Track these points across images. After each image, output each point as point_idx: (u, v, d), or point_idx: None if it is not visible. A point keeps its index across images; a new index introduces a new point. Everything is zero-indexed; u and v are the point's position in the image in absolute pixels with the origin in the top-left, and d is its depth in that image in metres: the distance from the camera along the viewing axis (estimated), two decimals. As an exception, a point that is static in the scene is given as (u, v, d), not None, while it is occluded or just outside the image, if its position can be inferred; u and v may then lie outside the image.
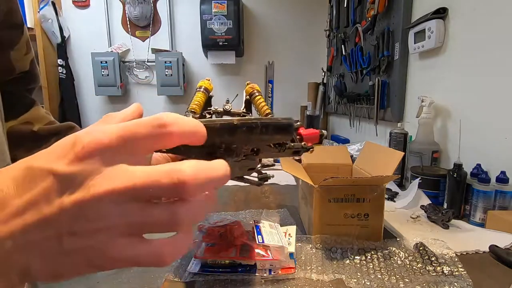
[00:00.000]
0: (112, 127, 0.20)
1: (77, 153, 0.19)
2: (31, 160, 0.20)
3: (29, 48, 0.52)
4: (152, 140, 0.20)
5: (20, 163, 0.20)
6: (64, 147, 0.20)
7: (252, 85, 0.40)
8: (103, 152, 0.19)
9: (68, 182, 0.19)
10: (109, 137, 0.20)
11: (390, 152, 0.71)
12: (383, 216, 0.61)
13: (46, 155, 0.20)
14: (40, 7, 2.10)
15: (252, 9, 2.40)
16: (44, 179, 0.19)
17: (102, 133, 0.20)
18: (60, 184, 0.19)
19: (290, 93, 2.47)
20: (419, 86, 1.17)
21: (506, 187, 0.70)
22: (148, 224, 0.20)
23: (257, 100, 0.39)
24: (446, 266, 0.52)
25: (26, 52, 0.51)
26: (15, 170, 0.20)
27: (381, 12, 1.31)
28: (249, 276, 0.50)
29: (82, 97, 2.47)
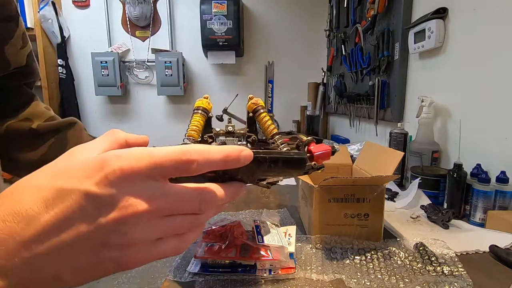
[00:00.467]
0: (142, 155, 0.21)
1: (108, 175, 0.20)
2: (58, 180, 0.20)
3: (26, 42, 0.49)
4: (176, 172, 0.23)
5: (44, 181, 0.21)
6: (91, 168, 0.20)
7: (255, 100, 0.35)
8: (131, 177, 0.21)
9: (102, 202, 0.20)
10: (138, 165, 0.21)
11: (390, 152, 0.71)
12: (383, 216, 0.61)
13: (72, 175, 0.20)
14: (40, 7, 2.11)
15: (252, 9, 2.40)
16: (77, 198, 0.20)
17: (133, 160, 0.21)
18: (94, 204, 0.20)
19: (290, 93, 2.47)
20: (419, 86, 1.17)
21: (506, 187, 0.70)
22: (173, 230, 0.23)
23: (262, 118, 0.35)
24: (446, 266, 0.52)
25: (22, 46, 0.48)
26: (43, 191, 0.20)
27: (381, 12, 1.31)
28: (249, 276, 0.50)
29: (82, 97, 2.47)
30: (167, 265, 0.53)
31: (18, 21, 0.46)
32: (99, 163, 0.20)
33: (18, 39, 0.47)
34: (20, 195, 0.20)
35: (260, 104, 0.35)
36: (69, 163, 0.22)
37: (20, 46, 0.47)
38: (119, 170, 0.20)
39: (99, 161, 0.21)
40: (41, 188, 0.20)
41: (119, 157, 0.21)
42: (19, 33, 0.47)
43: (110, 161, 0.20)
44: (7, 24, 0.45)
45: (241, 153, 0.25)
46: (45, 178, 0.21)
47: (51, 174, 0.21)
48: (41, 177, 0.21)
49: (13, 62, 0.46)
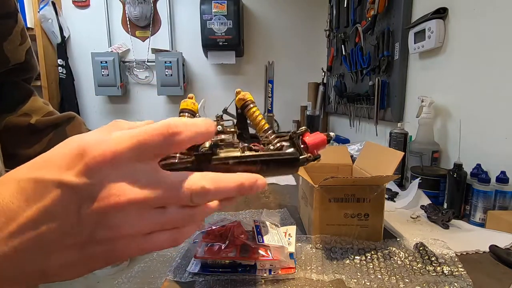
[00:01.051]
0: (123, 136, 0.20)
1: (88, 163, 0.19)
2: (37, 171, 0.19)
3: (25, 38, 0.48)
4: (163, 148, 0.21)
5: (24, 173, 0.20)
6: (71, 157, 0.19)
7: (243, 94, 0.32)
8: (114, 162, 0.19)
9: (83, 192, 0.19)
10: (121, 147, 0.19)
11: (390, 152, 0.71)
12: (383, 216, 0.61)
13: (52, 165, 0.19)
14: (40, 7, 2.11)
15: (252, 9, 2.40)
16: (56, 191, 0.19)
17: (114, 142, 0.19)
18: (75, 195, 0.19)
19: (290, 93, 2.47)
20: (419, 86, 1.17)
21: (506, 187, 0.70)
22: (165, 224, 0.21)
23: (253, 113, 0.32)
24: (446, 266, 0.52)
25: (21, 42, 0.48)
26: (22, 182, 0.19)
27: (381, 12, 1.31)
28: (249, 276, 0.50)
29: (82, 97, 2.47)
30: (167, 265, 0.53)
31: (17, 18, 0.46)
32: (79, 151, 0.19)
33: (17, 36, 0.47)
34: (1, 188, 0.19)
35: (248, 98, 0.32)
36: (54, 153, 0.20)
37: (19, 42, 0.47)
38: (100, 156, 0.19)
39: (80, 148, 0.19)
40: (21, 180, 0.19)
41: (100, 142, 0.19)
42: (18, 30, 0.46)
43: (91, 147, 0.19)
44: (6, 21, 0.44)
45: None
46: (27, 170, 0.20)
47: (34, 165, 0.20)
48: (23, 168, 0.20)
49: (12, 59, 0.46)
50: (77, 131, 0.54)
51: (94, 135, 0.21)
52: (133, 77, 2.42)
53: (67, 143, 0.20)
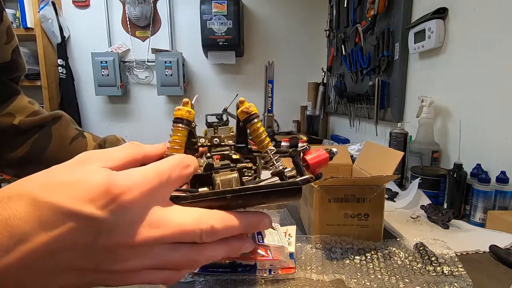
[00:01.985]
0: (150, 173, 0.21)
1: (113, 200, 0.19)
2: (56, 195, 0.18)
3: (11, 37, 0.47)
4: (180, 181, 0.22)
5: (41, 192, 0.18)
6: (97, 190, 0.19)
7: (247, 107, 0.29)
8: (139, 200, 0.20)
9: (102, 227, 0.19)
10: (148, 186, 0.20)
11: (390, 152, 0.71)
12: (383, 216, 0.61)
13: (73, 193, 0.18)
14: (40, 7, 2.10)
15: (252, 9, 2.40)
16: (75, 221, 0.18)
17: (141, 180, 0.20)
18: (93, 228, 0.19)
19: (290, 93, 2.47)
20: (419, 86, 1.17)
21: (506, 187, 0.70)
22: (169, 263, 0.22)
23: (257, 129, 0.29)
24: (446, 266, 0.52)
25: (7, 41, 0.46)
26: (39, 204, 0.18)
27: (381, 12, 1.31)
28: (249, 276, 0.50)
29: (82, 97, 2.47)
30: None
31: (2, 16, 0.45)
32: (106, 184, 0.19)
33: (3, 34, 0.46)
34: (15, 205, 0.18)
35: (253, 112, 0.29)
36: (74, 175, 0.20)
37: (4, 41, 0.46)
38: (127, 194, 0.19)
39: (106, 182, 0.19)
40: (38, 201, 0.18)
41: (127, 179, 0.19)
42: (3, 28, 0.45)
43: (117, 183, 0.19)
44: None
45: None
46: (44, 189, 0.19)
47: (52, 185, 0.19)
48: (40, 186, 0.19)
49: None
50: (63, 130, 0.52)
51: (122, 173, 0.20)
52: (133, 77, 2.42)
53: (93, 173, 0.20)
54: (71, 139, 0.52)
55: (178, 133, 0.28)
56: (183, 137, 0.28)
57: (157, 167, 0.21)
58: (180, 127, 0.28)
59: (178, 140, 0.28)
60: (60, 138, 0.51)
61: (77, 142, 0.52)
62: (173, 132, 0.29)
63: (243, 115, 0.28)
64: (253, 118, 0.28)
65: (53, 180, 0.19)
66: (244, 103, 0.29)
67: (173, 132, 0.28)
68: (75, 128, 0.54)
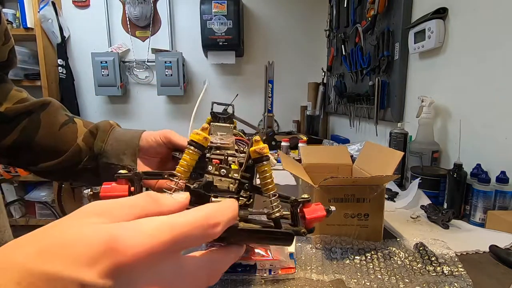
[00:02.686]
0: (162, 228, 0.18)
1: (117, 264, 0.16)
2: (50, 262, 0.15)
3: (8, 38, 0.48)
4: (198, 241, 0.20)
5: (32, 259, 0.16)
6: (97, 250, 0.16)
7: (260, 148, 0.28)
8: (147, 261, 0.17)
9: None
10: (158, 242, 0.17)
11: (390, 152, 0.71)
12: (383, 216, 0.61)
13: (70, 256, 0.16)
14: (40, 7, 2.10)
15: (252, 9, 2.40)
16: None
17: (151, 236, 0.17)
18: None
19: (290, 93, 2.47)
20: (419, 86, 1.17)
21: (506, 187, 0.70)
22: None
23: (265, 172, 0.29)
24: (446, 266, 0.52)
25: (4, 42, 0.47)
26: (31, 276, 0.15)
27: (381, 12, 1.31)
28: (249, 276, 0.50)
29: (82, 97, 2.47)
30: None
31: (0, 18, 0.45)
32: (107, 242, 0.16)
33: (1, 36, 0.46)
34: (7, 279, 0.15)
35: (265, 153, 0.29)
36: (72, 235, 0.17)
37: (2, 42, 0.47)
38: (133, 255, 0.16)
39: (108, 240, 0.16)
40: (29, 270, 0.15)
41: (133, 236, 0.17)
42: (2, 30, 0.46)
43: (121, 241, 0.16)
44: None
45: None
46: (36, 254, 0.16)
47: (45, 250, 0.16)
48: (30, 248, 0.16)
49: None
50: (52, 116, 0.51)
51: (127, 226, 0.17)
52: (133, 77, 2.42)
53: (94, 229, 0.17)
54: (60, 125, 0.50)
55: (189, 156, 0.28)
56: (193, 161, 0.28)
57: (174, 226, 0.18)
58: (192, 150, 0.28)
59: (185, 164, 0.28)
60: (49, 125, 0.50)
61: (66, 128, 0.51)
62: (184, 154, 0.28)
63: (255, 155, 0.28)
64: (264, 160, 0.29)
65: (47, 243, 0.16)
66: (259, 143, 0.29)
67: (185, 154, 0.28)
68: (65, 114, 0.53)
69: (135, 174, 0.27)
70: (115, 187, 0.27)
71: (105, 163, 0.49)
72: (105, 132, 0.51)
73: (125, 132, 0.52)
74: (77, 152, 0.49)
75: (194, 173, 0.29)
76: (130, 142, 0.50)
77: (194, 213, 0.20)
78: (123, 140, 0.50)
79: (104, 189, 0.27)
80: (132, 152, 0.49)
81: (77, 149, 0.49)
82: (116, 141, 0.50)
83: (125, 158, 0.49)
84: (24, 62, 2.16)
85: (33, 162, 0.50)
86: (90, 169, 0.50)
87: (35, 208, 2.30)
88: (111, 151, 0.49)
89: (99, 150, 0.49)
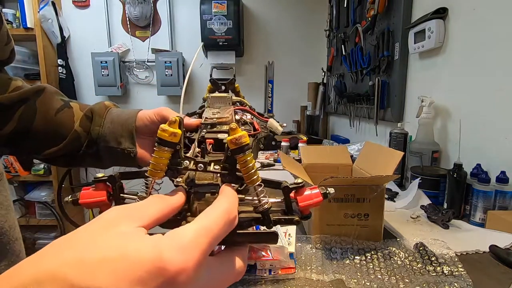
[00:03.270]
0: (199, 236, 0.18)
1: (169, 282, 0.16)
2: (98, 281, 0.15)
3: (9, 39, 0.49)
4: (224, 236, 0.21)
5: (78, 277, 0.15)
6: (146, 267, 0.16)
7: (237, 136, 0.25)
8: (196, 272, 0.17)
9: None
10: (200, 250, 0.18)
11: (390, 152, 0.71)
12: (383, 216, 0.61)
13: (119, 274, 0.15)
14: (40, 7, 2.10)
15: (252, 9, 2.41)
16: None
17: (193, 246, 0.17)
18: None
19: (290, 93, 2.47)
20: (419, 86, 1.17)
21: (506, 187, 0.70)
22: None
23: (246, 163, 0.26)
24: (446, 266, 0.52)
25: (7, 42, 0.48)
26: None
27: (381, 12, 1.31)
28: (249, 276, 0.50)
29: (82, 97, 2.47)
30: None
31: (2, 20, 0.46)
32: (154, 261, 0.16)
33: (3, 37, 0.47)
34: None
35: (244, 142, 0.25)
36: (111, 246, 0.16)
37: (4, 43, 0.48)
38: (182, 270, 0.16)
39: (154, 258, 0.16)
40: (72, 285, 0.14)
41: (179, 250, 0.17)
42: (4, 31, 0.46)
43: (168, 258, 0.16)
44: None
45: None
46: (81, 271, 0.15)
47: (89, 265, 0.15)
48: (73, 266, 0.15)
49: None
50: (47, 102, 0.51)
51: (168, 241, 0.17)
52: (133, 77, 2.41)
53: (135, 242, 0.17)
54: (56, 111, 0.50)
55: (159, 155, 0.26)
56: (165, 160, 0.26)
57: (208, 230, 0.19)
58: (162, 149, 0.26)
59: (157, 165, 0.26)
60: (45, 111, 0.50)
61: (62, 113, 0.51)
62: (154, 154, 0.26)
63: (233, 146, 0.25)
64: (245, 150, 0.25)
65: (87, 256, 0.16)
66: (236, 131, 0.25)
67: (155, 154, 0.26)
68: (60, 99, 0.53)
69: (110, 176, 0.26)
70: (93, 192, 0.26)
71: (105, 147, 0.49)
72: (101, 116, 0.51)
73: (120, 113, 0.52)
74: (76, 138, 0.50)
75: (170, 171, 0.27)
76: (126, 124, 0.50)
77: (216, 211, 0.20)
78: (119, 122, 0.50)
79: (83, 195, 0.26)
80: (129, 134, 0.49)
81: (76, 135, 0.50)
82: (112, 124, 0.50)
83: (124, 140, 0.49)
84: (24, 62, 2.16)
85: (35, 150, 0.51)
86: (91, 154, 0.50)
87: (35, 208, 2.30)
88: (109, 135, 0.49)
89: (96, 135, 0.50)
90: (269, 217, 0.26)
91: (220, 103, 0.42)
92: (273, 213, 0.27)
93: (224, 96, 0.43)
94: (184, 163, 0.27)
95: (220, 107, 0.41)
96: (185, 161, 0.27)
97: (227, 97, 0.43)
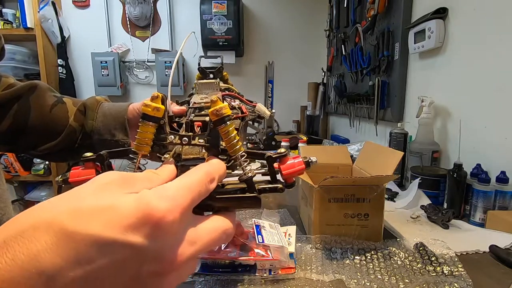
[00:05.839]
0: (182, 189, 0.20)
1: (157, 225, 0.18)
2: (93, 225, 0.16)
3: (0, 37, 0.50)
4: (204, 196, 0.22)
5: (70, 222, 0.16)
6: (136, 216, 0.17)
7: (217, 108, 0.26)
8: (180, 220, 0.19)
9: (148, 255, 0.18)
10: (185, 203, 0.19)
11: (390, 152, 0.71)
12: (383, 216, 0.61)
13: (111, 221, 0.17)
14: (40, 7, 2.10)
15: (252, 9, 2.40)
16: (119, 252, 0.17)
17: (177, 198, 0.19)
18: (139, 257, 0.17)
19: (290, 93, 2.47)
20: (419, 86, 1.17)
21: (506, 187, 0.70)
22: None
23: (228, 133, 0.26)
24: (446, 266, 0.52)
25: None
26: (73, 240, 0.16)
27: (381, 12, 1.31)
28: (249, 276, 0.50)
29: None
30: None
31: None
32: (145, 210, 0.17)
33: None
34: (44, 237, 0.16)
35: (225, 114, 0.26)
36: (103, 200, 0.18)
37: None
38: (168, 215, 0.18)
39: (141, 207, 0.18)
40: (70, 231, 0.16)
41: (164, 199, 0.18)
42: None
43: (155, 205, 0.18)
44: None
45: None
46: (75, 217, 0.16)
47: (83, 213, 0.17)
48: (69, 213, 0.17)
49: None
50: (41, 99, 0.52)
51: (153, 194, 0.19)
52: (133, 77, 2.41)
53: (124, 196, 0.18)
54: (50, 107, 0.52)
55: (144, 130, 0.27)
56: (150, 134, 0.27)
57: (188, 185, 0.21)
58: (147, 124, 0.27)
59: (142, 139, 0.27)
60: (39, 107, 0.52)
61: (56, 109, 0.52)
62: (139, 129, 0.27)
63: (214, 117, 0.26)
64: (225, 121, 0.26)
65: (81, 206, 0.17)
66: (217, 103, 0.26)
67: (139, 129, 0.27)
68: (53, 95, 0.54)
69: (98, 155, 0.27)
70: (82, 171, 0.27)
71: (99, 140, 0.51)
72: (93, 110, 0.53)
73: (111, 106, 0.54)
74: (71, 132, 0.52)
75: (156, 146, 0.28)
76: (118, 116, 0.52)
77: (196, 172, 0.22)
78: (111, 115, 0.52)
79: (72, 174, 0.27)
80: (122, 126, 0.51)
81: (71, 129, 0.51)
82: (104, 117, 0.52)
83: (117, 132, 0.51)
84: (24, 62, 2.16)
85: (32, 146, 0.52)
86: (86, 146, 0.52)
87: (35, 208, 2.30)
88: (103, 128, 0.51)
89: (90, 128, 0.51)
90: (253, 185, 0.27)
91: (208, 89, 0.43)
92: (258, 183, 0.28)
93: (212, 82, 0.44)
94: (169, 138, 0.28)
95: (208, 93, 0.42)
96: (170, 136, 0.28)
97: (214, 83, 0.43)
